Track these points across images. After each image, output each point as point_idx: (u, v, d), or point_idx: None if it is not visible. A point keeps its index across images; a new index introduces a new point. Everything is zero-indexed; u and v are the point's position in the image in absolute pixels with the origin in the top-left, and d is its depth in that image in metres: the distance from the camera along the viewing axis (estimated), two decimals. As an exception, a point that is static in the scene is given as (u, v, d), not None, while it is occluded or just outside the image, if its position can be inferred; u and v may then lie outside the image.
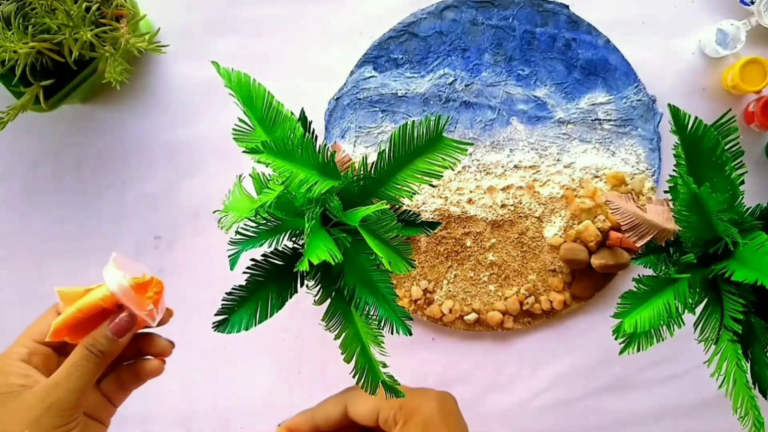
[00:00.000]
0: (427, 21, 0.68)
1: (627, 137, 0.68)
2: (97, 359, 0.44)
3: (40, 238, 0.71)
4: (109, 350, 0.45)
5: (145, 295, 0.45)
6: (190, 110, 0.70)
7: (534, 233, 0.68)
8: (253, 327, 0.43)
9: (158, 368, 0.49)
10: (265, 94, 0.44)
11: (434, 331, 0.70)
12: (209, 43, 0.70)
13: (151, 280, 0.46)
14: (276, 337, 0.70)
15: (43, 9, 0.56)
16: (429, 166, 0.42)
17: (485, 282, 0.68)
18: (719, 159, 0.45)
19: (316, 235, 0.39)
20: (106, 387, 0.49)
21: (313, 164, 0.41)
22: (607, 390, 0.70)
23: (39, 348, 0.46)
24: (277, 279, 0.44)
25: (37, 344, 0.46)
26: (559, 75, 0.68)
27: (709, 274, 0.45)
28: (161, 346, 0.49)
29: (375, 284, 0.41)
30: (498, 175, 0.68)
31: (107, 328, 0.45)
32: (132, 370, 0.49)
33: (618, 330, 0.45)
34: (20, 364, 0.45)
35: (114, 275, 0.44)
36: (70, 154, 0.70)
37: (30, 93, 0.60)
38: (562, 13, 0.68)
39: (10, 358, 0.45)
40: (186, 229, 0.70)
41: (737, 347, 0.44)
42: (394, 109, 0.68)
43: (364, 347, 0.43)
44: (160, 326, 0.50)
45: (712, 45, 0.66)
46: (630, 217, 0.56)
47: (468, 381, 0.70)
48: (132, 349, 0.49)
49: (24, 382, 0.44)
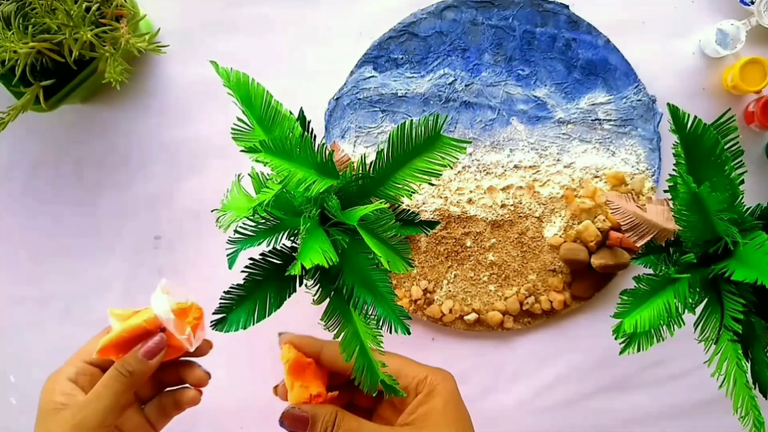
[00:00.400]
0: (427, 21, 0.68)
1: (627, 137, 0.68)
2: (126, 380, 0.46)
3: (40, 238, 0.71)
4: (138, 371, 0.47)
5: (185, 320, 0.48)
6: (189, 110, 0.70)
7: (534, 233, 0.68)
8: (251, 326, 0.43)
9: (195, 398, 0.51)
10: (263, 93, 0.44)
11: (434, 331, 0.70)
12: (209, 43, 0.70)
13: (191, 307, 0.49)
14: (276, 337, 0.70)
15: (43, 9, 0.56)
16: (428, 165, 0.42)
17: (485, 282, 0.68)
18: (719, 158, 0.45)
19: (312, 236, 0.39)
20: (148, 411, 0.51)
21: (311, 163, 0.41)
22: (607, 390, 0.70)
23: (87, 368, 0.49)
24: (276, 278, 0.44)
25: (85, 364, 0.49)
26: (559, 75, 0.68)
27: (709, 274, 0.45)
28: (198, 377, 0.51)
29: (374, 284, 0.41)
30: (498, 175, 0.68)
31: (139, 350, 0.47)
32: (172, 397, 0.51)
33: (618, 330, 0.45)
34: (66, 383, 0.47)
35: (160, 300, 0.48)
36: (70, 154, 0.70)
37: (30, 93, 0.60)
38: (562, 13, 0.68)
39: (60, 376, 0.48)
40: (186, 229, 0.70)
41: (737, 347, 0.44)
42: (394, 109, 0.68)
43: (363, 347, 0.43)
44: (200, 356, 0.52)
45: (712, 45, 0.66)
46: (630, 217, 0.56)
47: (468, 381, 0.70)
48: (174, 376, 0.52)
49: (65, 400, 0.46)
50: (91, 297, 0.71)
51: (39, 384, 0.49)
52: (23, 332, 0.71)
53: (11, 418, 0.71)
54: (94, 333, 0.71)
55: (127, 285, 0.71)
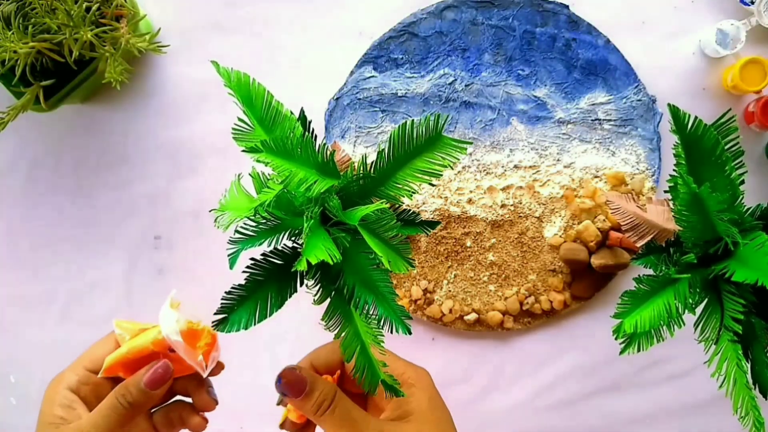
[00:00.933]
0: (427, 21, 0.68)
1: (627, 137, 0.68)
2: (125, 411, 0.44)
3: (40, 238, 0.71)
4: (140, 402, 0.45)
5: (196, 344, 0.45)
6: (189, 110, 0.70)
7: (534, 233, 0.68)
8: (253, 326, 0.43)
9: (200, 425, 0.49)
10: (264, 93, 0.44)
11: (434, 331, 0.70)
12: (209, 43, 0.70)
13: (203, 331, 0.46)
14: (276, 337, 0.70)
15: (43, 9, 0.56)
16: (428, 165, 0.42)
17: (485, 282, 0.68)
18: (719, 159, 0.45)
19: (315, 235, 0.39)
20: (157, 418, 0.49)
21: (312, 163, 0.41)
22: (608, 390, 0.70)
23: (90, 377, 0.46)
24: (277, 278, 0.44)
25: (88, 373, 0.46)
26: (559, 75, 0.68)
27: (710, 274, 0.45)
28: (205, 402, 0.49)
29: (374, 283, 0.41)
30: (498, 175, 0.68)
31: (143, 377, 0.45)
32: (180, 411, 0.49)
33: (618, 330, 0.45)
34: (66, 393, 0.45)
35: (169, 318, 0.44)
36: (70, 154, 0.70)
37: (30, 93, 0.60)
38: (562, 13, 0.68)
39: (60, 384, 0.45)
40: (186, 229, 0.70)
41: (737, 347, 0.44)
42: (394, 109, 0.68)
43: (363, 346, 0.43)
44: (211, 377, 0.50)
45: (712, 45, 0.66)
46: (630, 217, 0.56)
47: (468, 381, 0.70)
48: (184, 386, 0.50)
49: (65, 414, 0.44)
50: (91, 297, 0.71)
51: (39, 384, 0.48)
52: (23, 332, 0.71)
53: (11, 418, 0.71)
54: (93, 333, 0.71)
55: (127, 285, 0.71)
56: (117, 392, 0.45)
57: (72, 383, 0.46)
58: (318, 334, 0.50)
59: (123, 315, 0.71)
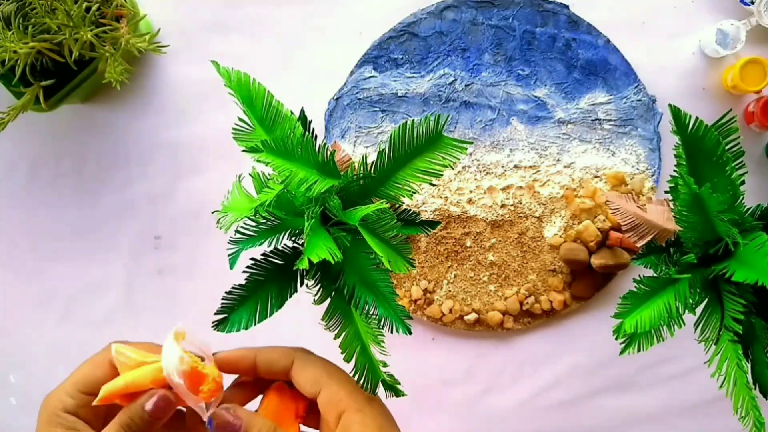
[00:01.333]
0: (427, 21, 0.68)
1: (627, 137, 0.68)
2: None
3: (40, 238, 0.71)
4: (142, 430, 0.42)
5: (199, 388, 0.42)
6: (190, 110, 0.70)
7: (534, 233, 0.68)
8: (253, 326, 0.43)
9: None
10: (264, 93, 0.44)
11: (434, 331, 0.70)
12: (209, 43, 0.70)
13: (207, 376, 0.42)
14: (276, 338, 0.70)
15: (43, 9, 0.56)
16: (429, 165, 0.42)
17: (485, 282, 0.68)
18: (720, 159, 0.45)
19: (316, 234, 0.39)
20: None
21: (312, 163, 0.41)
22: (608, 390, 0.70)
23: (87, 400, 0.44)
24: (277, 278, 0.44)
25: (84, 396, 0.44)
26: (559, 75, 0.68)
27: (710, 275, 0.45)
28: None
29: (375, 283, 0.41)
30: (498, 175, 0.68)
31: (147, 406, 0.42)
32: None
33: (618, 330, 0.45)
34: (66, 416, 0.43)
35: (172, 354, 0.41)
36: (70, 154, 0.70)
37: (30, 93, 0.60)
38: (562, 13, 0.68)
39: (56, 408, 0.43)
40: (186, 229, 0.70)
41: (738, 347, 0.44)
42: (394, 109, 0.68)
43: (364, 346, 0.43)
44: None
45: (712, 45, 0.66)
46: (630, 217, 0.56)
47: (468, 381, 0.70)
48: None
49: None
50: (91, 297, 0.71)
51: (39, 384, 0.48)
52: (23, 332, 0.71)
53: (11, 419, 0.71)
54: (93, 333, 0.72)
55: (127, 285, 0.70)
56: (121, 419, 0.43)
57: (69, 406, 0.44)
58: (318, 334, 0.50)
59: (123, 315, 0.71)
